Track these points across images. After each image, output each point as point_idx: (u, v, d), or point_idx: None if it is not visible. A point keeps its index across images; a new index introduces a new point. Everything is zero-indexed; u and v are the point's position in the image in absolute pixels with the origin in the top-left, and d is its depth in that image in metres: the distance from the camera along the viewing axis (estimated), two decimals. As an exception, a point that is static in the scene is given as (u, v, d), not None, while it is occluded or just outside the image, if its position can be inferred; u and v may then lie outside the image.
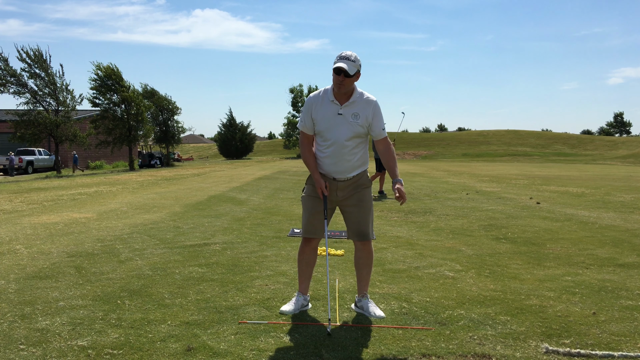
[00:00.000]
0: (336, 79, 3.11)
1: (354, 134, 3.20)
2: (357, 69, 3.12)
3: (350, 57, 3.10)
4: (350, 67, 3.07)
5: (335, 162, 3.24)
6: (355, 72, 3.11)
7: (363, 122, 3.19)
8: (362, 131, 3.22)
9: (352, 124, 3.19)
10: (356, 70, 3.11)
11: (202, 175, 21.77)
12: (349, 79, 3.09)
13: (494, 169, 28.35)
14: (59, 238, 6.04)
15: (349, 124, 3.18)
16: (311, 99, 3.27)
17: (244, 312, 3.33)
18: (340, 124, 3.19)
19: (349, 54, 3.12)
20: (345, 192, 3.31)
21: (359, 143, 3.26)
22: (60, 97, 27.75)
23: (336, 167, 3.25)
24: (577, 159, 51.12)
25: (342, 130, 3.19)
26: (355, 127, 3.19)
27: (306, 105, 3.29)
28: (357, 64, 3.12)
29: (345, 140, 3.20)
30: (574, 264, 4.72)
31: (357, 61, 3.12)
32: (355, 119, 3.18)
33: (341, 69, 3.05)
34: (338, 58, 3.11)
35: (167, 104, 42.64)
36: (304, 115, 3.29)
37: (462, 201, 10.35)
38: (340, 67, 3.04)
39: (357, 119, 3.19)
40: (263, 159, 58.38)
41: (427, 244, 5.70)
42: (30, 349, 2.72)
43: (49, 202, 10.47)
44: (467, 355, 2.67)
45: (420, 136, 78.28)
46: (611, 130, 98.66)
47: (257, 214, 8.23)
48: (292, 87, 66.57)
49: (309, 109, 3.25)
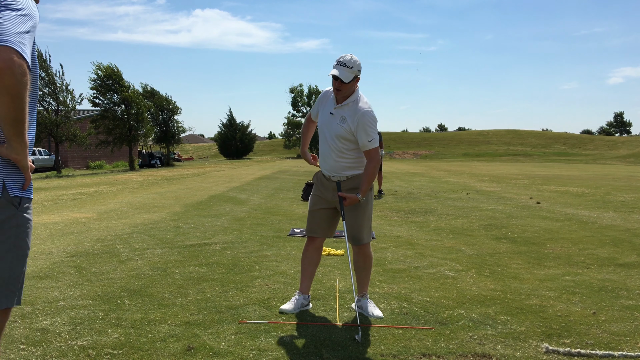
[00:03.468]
0: (333, 83, 3.15)
1: (337, 135, 3.21)
2: (355, 74, 3.11)
3: (348, 62, 3.07)
4: (346, 74, 3.06)
5: (324, 159, 3.33)
6: (353, 78, 3.10)
7: (347, 128, 3.17)
8: (347, 135, 3.18)
9: (337, 125, 3.21)
10: (353, 77, 3.10)
11: (202, 175, 21.76)
12: (345, 84, 3.11)
13: (494, 169, 28.35)
14: (59, 238, 6.04)
15: (336, 125, 3.21)
16: (323, 93, 3.43)
17: (244, 312, 3.33)
18: (329, 122, 3.25)
19: (348, 58, 3.10)
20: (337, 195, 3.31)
21: (346, 145, 3.22)
22: (60, 97, 27.73)
23: (325, 163, 3.33)
24: (577, 159, 51.11)
25: (329, 129, 3.25)
26: (339, 130, 3.19)
27: (319, 97, 3.44)
28: (355, 70, 3.10)
29: (330, 139, 3.24)
30: (574, 264, 4.72)
31: (356, 66, 3.10)
32: (342, 122, 3.19)
33: (336, 77, 3.08)
34: (336, 62, 3.11)
35: (167, 104, 42.60)
36: (314, 105, 3.48)
37: (462, 201, 10.35)
38: (334, 75, 3.08)
39: (343, 122, 3.19)
40: (263, 158, 58.38)
41: (427, 244, 5.70)
42: (31, 349, 2.72)
43: (49, 201, 10.47)
44: (467, 355, 2.67)
45: (421, 136, 78.28)
46: (611, 130, 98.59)
47: (257, 214, 8.23)
48: (292, 87, 66.42)
49: (318, 102, 3.43)
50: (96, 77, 31.06)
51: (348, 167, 3.27)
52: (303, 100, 65.41)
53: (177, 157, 54.15)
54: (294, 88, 66.28)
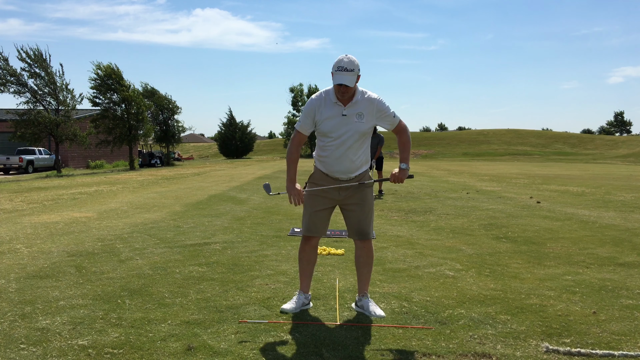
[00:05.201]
0: (337, 89, 3.12)
1: (359, 133, 3.22)
2: (357, 74, 3.11)
3: (349, 66, 3.05)
4: (350, 78, 3.06)
5: (339, 162, 3.26)
6: (355, 80, 3.11)
7: (368, 121, 3.22)
8: (367, 130, 3.25)
9: (356, 123, 3.20)
10: (355, 79, 3.10)
11: (203, 174, 21.77)
12: (350, 87, 3.11)
13: (495, 168, 28.35)
14: (59, 237, 6.04)
15: (353, 123, 3.20)
16: (313, 101, 3.23)
17: (244, 312, 3.33)
18: (345, 124, 3.20)
19: (347, 62, 3.06)
20: (348, 191, 3.32)
21: (362, 142, 3.28)
22: (60, 97, 27.68)
23: (340, 166, 3.27)
24: (577, 158, 51.10)
25: (348, 131, 3.20)
26: (360, 127, 3.21)
27: (308, 107, 3.24)
28: (356, 72, 3.09)
29: (351, 140, 3.22)
30: (575, 263, 4.72)
31: (356, 67, 3.08)
32: (360, 119, 3.20)
33: (342, 84, 3.07)
34: (337, 68, 3.06)
35: (167, 103, 42.59)
36: (303, 117, 3.26)
37: (462, 200, 10.35)
38: (340, 84, 3.06)
39: (361, 118, 3.20)
40: (263, 158, 58.37)
41: (428, 243, 5.70)
42: (31, 348, 2.72)
43: (50, 201, 10.47)
44: (467, 355, 2.67)
45: (421, 135, 78.26)
46: (611, 129, 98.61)
47: (258, 213, 8.23)
48: (292, 87, 66.50)
49: (311, 112, 3.22)
50: (96, 76, 31.05)
51: (360, 165, 3.32)
52: (303, 99, 65.39)
53: (177, 156, 54.16)
54: (294, 87, 66.32)
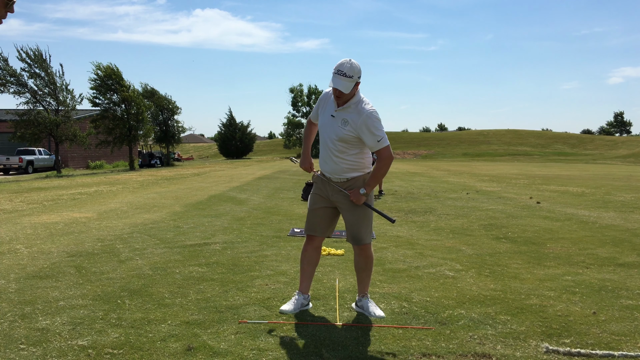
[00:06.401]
0: (334, 90, 3.13)
1: (338, 138, 3.19)
2: (355, 81, 3.08)
3: (348, 72, 3.02)
4: (346, 84, 3.03)
5: (324, 161, 3.33)
6: (352, 87, 3.07)
7: (350, 130, 3.15)
8: (349, 138, 3.17)
9: (338, 128, 3.19)
10: (353, 85, 3.07)
11: (202, 174, 21.77)
12: (343, 93, 3.10)
13: (494, 169, 28.35)
14: (59, 238, 6.04)
15: (336, 127, 3.20)
16: (323, 95, 3.40)
17: (244, 312, 3.33)
18: (330, 125, 3.24)
19: (347, 67, 3.03)
20: (339, 195, 3.30)
21: (347, 148, 3.21)
22: (60, 97, 27.68)
23: (325, 165, 3.33)
24: (577, 159, 51.10)
25: (330, 132, 3.23)
26: (340, 132, 3.18)
27: (319, 99, 3.42)
28: (355, 78, 3.06)
29: (330, 141, 3.23)
30: (574, 264, 4.72)
31: (356, 74, 3.05)
32: (343, 125, 3.17)
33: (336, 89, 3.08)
34: (336, 70, 3.05)
35: (167, 104, 42.58)
36: (315, 107, 3.45)
37: (462, 201, 10.35)
38: (334, 88, 3.07)
39: (345, 125, 3.17)
40: (263, 158, 58.37)
41: (427, 244, 5.70)
42: (31, 349, 2.72)
43: (49, 201, 10.47)
44: (467, 355, 2.67)
45: (421, 136, 78.28)
46: (611, 129, 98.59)
47: (257, 214, 8.23)
48: (292, 87, 66.58)
49: (318, 104, 3.41)
50: (96, 77, 31.06)
51: (348, 169, 3.26)
52: (303, 100, 65.46)
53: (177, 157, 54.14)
54: (293, 88, 66.36)
